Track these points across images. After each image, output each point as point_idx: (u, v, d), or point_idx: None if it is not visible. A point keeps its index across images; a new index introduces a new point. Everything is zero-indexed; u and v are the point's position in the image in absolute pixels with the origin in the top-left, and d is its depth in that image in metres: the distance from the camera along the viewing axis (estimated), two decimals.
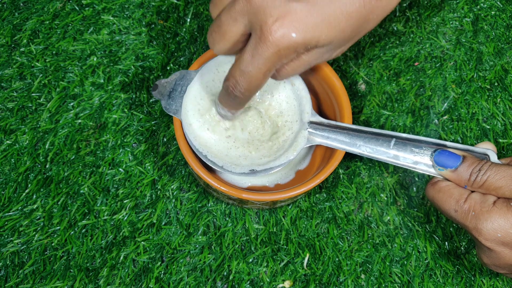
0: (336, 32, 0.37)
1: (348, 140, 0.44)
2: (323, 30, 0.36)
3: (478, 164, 0.40)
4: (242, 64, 0.37)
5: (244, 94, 0.39)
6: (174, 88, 0.46)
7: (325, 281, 0.51)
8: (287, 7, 0.35)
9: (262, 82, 0.38)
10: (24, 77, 0.56)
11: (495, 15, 0.60)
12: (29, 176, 0.53)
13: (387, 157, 0.43)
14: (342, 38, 0.38)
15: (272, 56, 0.36)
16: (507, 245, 0.39)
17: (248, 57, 0.37)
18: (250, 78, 0.38)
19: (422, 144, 0.43)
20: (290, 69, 0.40)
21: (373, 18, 0.39)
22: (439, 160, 0.41)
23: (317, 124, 0.45)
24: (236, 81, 0.38)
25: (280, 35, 0.35)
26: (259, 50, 0.36)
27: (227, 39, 0.39)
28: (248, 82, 0.38)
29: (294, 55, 0.37)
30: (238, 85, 0.38)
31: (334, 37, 0.37)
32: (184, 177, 0.54)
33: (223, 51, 0.40)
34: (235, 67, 0.38)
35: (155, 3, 0.59)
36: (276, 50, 0.36)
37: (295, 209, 0.53)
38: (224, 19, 0.38)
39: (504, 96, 0.58)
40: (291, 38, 0.36)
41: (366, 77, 0.58)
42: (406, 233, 0.53)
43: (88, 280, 0.50)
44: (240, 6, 0.37)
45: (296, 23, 0.36)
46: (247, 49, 0.37)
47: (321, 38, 0.37)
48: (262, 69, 0.37)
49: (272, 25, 0.35)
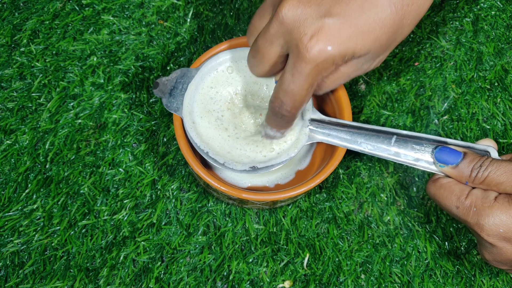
0: (371, 41, 0.38)
1: (349, 137, 0.44)
2: (358, 40, 0.37)
3: (479, 160, 0.40)
4: (284, 84, 0.38)
5: (291, 112, 0.40)
6: (175, 86, 0.46)
7: (325, 281, 0.51)
8: (320, 23, 0.36)
9: (306, 98, 0.39)
10: (24, 77, 0.56)
11: (495, 15, 0.60)
12: (29, 176, 0.53)
13: (388, 154, 0.43)
14: (379, 46, 0.39)
15: (311, 72, 0.37)
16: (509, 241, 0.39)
17: (289, 77, 0.38)
18: (294, 96, 0.39)
19: (423, 141, 0.43)
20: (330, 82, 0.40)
21: (408, 23, 0.39)
22: (440, 157, 0.41)
23: (318, 122, 0.45)
24: (281, 101, 0.39)
25: (316, 50, 0.36)
26: (298, 68, 0.37)
27: (265, 62, 0.40)
28: (293, 100, 0.39)
29: (333, 68, 0.38)
30: (284, 105, 0.39)
31: (370, 46, 0.38)
32: (184, 177, 0.54)
33: (263, 74, 0.41)
34: (278, 88, 0.39)
35: (155, 3, 0.59)
36: (315, 65, 0.37)
37: (295, 209, 0.53)
38: (261, 44, 0.39)
39: (504, 96, 0.58)
40: (328, 51, 0.36)
41: (366, 77, 0.58)
42: (406, 233, 0.53)
43: (88, 280, 0.50)
44: (274, 29, 0.38)
45: (331, 37, 0.36)
46: (287, 69, 0.38)
47: (357, 49, 0.37)
48: (304, 86, 0.38)
49: (308, 42, 0.36)
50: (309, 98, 0.40)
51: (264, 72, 0.41)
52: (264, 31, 0.39)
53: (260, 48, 0.39)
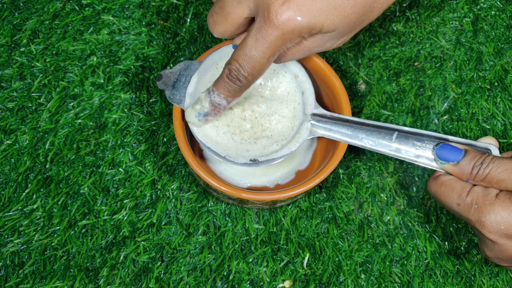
0: (341, 18, 0.37)
1: (350, 133, 0.44)
2: (328, 15, 0.36)
3: (480, 157, 0.40)
4: (246, 48, 0.37)
5: (247, 78, 0.39)
6: (178, 78, 0.46)
7: (325, 281, 0.51)
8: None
9: (265, 67, 0.38)
10: (24, 77, 0.56)
11: (495, 15, 0.60)
12: (29, 176, 0.53)
13: (389, 150, 0.43)
14: (346, 25, 0.38)
15: (276, 40, 0.36)
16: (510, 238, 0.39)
17: (252, 41, 0.37)
18: (254, 62, 0.37)
19: (424, 138, 0.43)
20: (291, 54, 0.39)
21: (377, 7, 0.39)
22: (441, 154, 0.41)
23: (320, 116, 0.45)
24: (239, 64, 0.38)
25: (285, 18, 0.35)
26: (263, 34, 0.36)
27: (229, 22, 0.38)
28: (252, 66, 0.38)
29: (298, 39, 0.37)
30: (242, 69, 0.38)
31: (338, 24, 0.37)
32: (184, 177, 0.54)
33: (224, 33, 0.40)
34: (238, 51, 0.38)
35: (155, 3, 0.59)
36: (281, 33, 0.36)
37: (295, 209, 0.53)
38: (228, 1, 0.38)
39: (504, 96, 0.58)
40: (297, 21, 0.36)
41: (366, 77, 0.58)
42: (406, 233, 0.53)
43: (88, 280, 0.50)
44: None
45: (302, 7, 0.36)
46: (251, 33, 0.37)
47: (325, 23, 0.37)
48: (267, 53, 0.37)
49: (279, 7, 0.35)
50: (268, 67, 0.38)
51: (224, 32, 0.39)
52: None
53: (226, 5, 0.38)
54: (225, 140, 0.45)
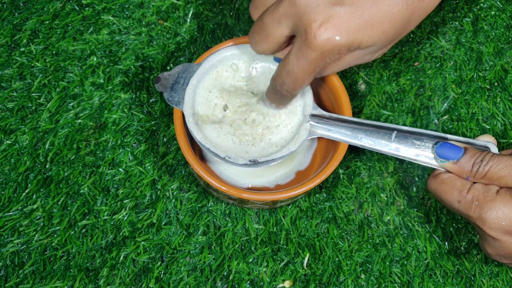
0: (379, 33, 0.38)
1: (349, 133, 0.44)
2: (366, 32, 0.37)
3: (480, 155, 0.40)
4: (288, 66, 0.39)
5: (290, 92, 0.41)
6: (176, 80, 0.46)
7: (325, 281, 0.51)
8: (331, 11, 0.36)
9: (307, 82, 0.40)
10: (24, 77, 0.56)
11: (495, 15, 0.60)
12: (29, 176, 0.53)
13: (388, 149, 0.43)
14: (385, 40, 0.39)
15: (316, 59, 0.37)
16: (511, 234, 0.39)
17: (293, 59, 0.38)
18: (296, 78, 0.39)
19: (423, 137, 0.43)
20: (330, 68, 0.41)
21: (415, 19, 0.39)
22: (441, 152, 0.42)
23: (319, 117, 0.45)
24: (282, 81, 0.40)
25: (324, 39, 0.36)
26: (304, 53, 0.37)
27: (270, 41, 0.40)
28: (294, 82, 0.40)
29: (337, 56, 0.38)
30: (285, 85, 0.40)
31: (377, 39, 0.38)
32: (184, 177, 0.54)
33: (265, 51, 0.41)
34: (281, 68, 0.40)
35: (155, 3, 0.59)
36: (320, 53, 0.37)
37: (295, 209, 0.53)
38: (267, 21, 0.39)
39: (504, 96, 0.58)
40: (335, 41, 0.36)
41: (366, 77, 0.58)
42: (406, 233, 0.53)
43: (88, 280, 0.50)
44: (284, 9, 0.38)
45: (340, 27, 0.36)
46: (293, 51, 0.38)
47: (364, 40, 0.37)
48: (308, 70, 0.38)
49: (317, 29, 0.36)
50: (310, 82, 0.40)
51: (266, 50, 0.41)
52: (273, 9, 0.38)
53: (266, 25, 0.39)
54: (224, 141, 0.45)
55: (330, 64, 0.40)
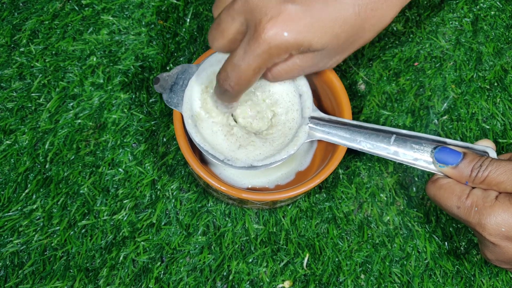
0: (330, 36, 0.38)
1: (348, 136, 0.44)
2: (316, 33, 0.37)
3: (479, 160, 0.40)
4: (234, 59, 0.39)
5: (234, 88, 0.40)
6: (175, 81, 0.46)
7: (324, 281, 0.51)
8: (282, 7, 0.36)
9: (252, 79, 0.39)
10: (24, 77, 0.56)
11: (494, 15, 0.60)
12: (28, 176, 0.53)
13: (387, 153, 0.43)
14: (336, 44, 0.39)
15: (263, 53, 0.37)
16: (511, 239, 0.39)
17: (240, 53, 0.38)
18: (240, 73, 0.39)
19: (422, 141, 0.43)
20: (283, 71, 0.40)
21: (369, 28, 0.39)
22: (439, 157, 0.42)
23: (318, 120, 0.45)
24: (227, 74, 0.40)
25: (272, 33, 0.36)
26: (251, 47, 0.37)
27: (225, 37, 0.40)
28: (238, 77, 0.39)
29: (286, 55, 0.38)
30: (229, 79, 0.40)
31: (327, 42, 0.38)
32: (184, 177, 0.54)
33: (221, 48, 0.41)
34: (227, 61, 0.39)
35: (155, 3, 0.59)
36: (267, 48, 0.37)
37: (294, 209, 0.53)
38: (223, 17, 0.39)
39: (504, 96, 0.58)
40: (283, 37, 0.36)
41: (365, 77, 0.58)
42: (406, 233, 0.53)
43: (88, 280, 0.50)
44: (238, 5, 0.38)
45: (289, 23, 0.36)
46: (241, 45, 0.38)
47: (313, 41, 0.37)
48: (252, 65, 0.38)
49: (266, 23, 0.36)
50: (255, 81, 0.40)
51: (222, 46, 0.41)
52: (229, 6, 0.39)
53: (222, 21, 0.39)
54: (223, 144, 0.45)
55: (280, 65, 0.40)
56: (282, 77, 0.41)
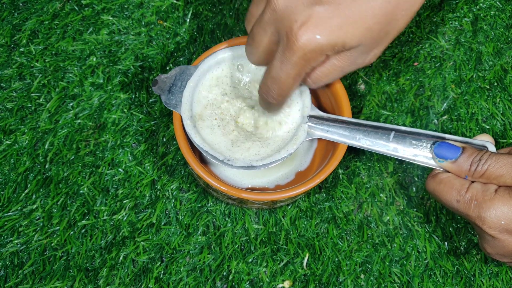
0: (363, 30, 0.37)
1: (347, 134, 0.44)
2: (349, 30, 0.37)
3: (478, 154, 0.40)
4: (273, 71, 0.39)
5: (277, 99, 0.40)
6: (174, 83, 0.46)
7: (324, 281, 0.51)
8: (310, 11, 0.36)
9: (293, 86, 0.39)
10: (24, 77, 0.56)
11: (494, 15, 0.60)
12: (28, 176, 0.53)
13: (386, 149, 0.43)
14: (371, 37, 0.38)
15: (299, 61, 0.37)
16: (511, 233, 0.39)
17: (277, 64, 0.38)
18: (281, 84, 0.39)
19: (421, 137, 0.43)
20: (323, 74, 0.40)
21: (401, 14, 0.38)
22: (439, 152, 0.42)
23: (317, 118, 0.45)
24: (268, 88, 0.40)
25: (305, 39, 0.36)
26: (286, 56, 0.37)
27: (260, 50, 0.40)
28: (279, 87, 0.39)
29: (322, 58, 0.38)
30: (271, 91, 0.40)
31: (361, 37, 0.37)
32: (183, 177, 0.54)
33: (258, 61, 0.41)
34: (266, 74, 0.40)
35: (155, 3, 0.59)
36: (303, 54, 0.37)
37: (294, 209, 0.53)
38: (255, 31, 0.39)
39: (504, 96, 0.58)
40: (316, 40, 0.36)
41: (365, 77, 0.58)
42: (406, 233, 0.53)
43: (88, 280, 0.50)
44: (267, 16, 0.38)
45: (320, 26, 0.36)
46: (276, 57, 0.38)
47: (347, 39, 0.37)
48: (291, 74, 0.38)
49: (298, 30, 0.36)
50: (296, 87, 0.40)
51: (259, 60, 0.41)
52: (259, 19, 0.39)
53: (255, 35, 0.39)
54: (222, 144, 0.45)
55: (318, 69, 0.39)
56: (322, 81, 0.41)
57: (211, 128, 0.45)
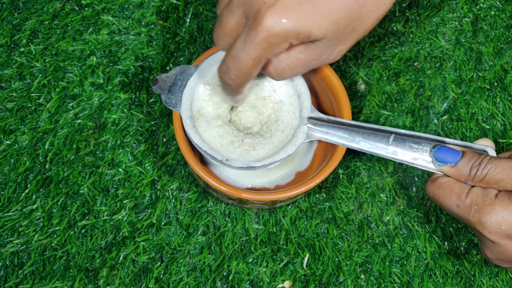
0: (329, 23, 0.37)
1: (347, 136, 0.44)
2: (316, 20, 0.37)
3: (478, 158, 0.40)
4: (234, 50, 0.38)
5: (234, 80, 0.39)
6: (174, 82, 0.46)
7: (324, 281, 0.51)
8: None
9: (252, 70, 0.39)
10: (24, 77, 0.56)
11: (494, 15, 0.60)
12: (28, 177, 0.53)
13: (386, 152, 0.43)
14: (337, 32, 0.38)
15: (262, 42, 0.37)
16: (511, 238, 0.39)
17: (240, 44, 0.38)
18: (240, 64, 0.38)
19: (421, 140, 0.43)
20: (287, 67, 0.40)
21: (367, 14, 0.39)
22: (438, 156, 0.41)
23: (317, 120, 0.45)
24: (227, 67, 0.39)
25: (271, 21, 0.36)
26: (250, 36, 0.37)
27: (227, 33, 0.39)
28: (238, 68, 0.38)
29: (286, 45, 0.38)
30: (229, 71, 0.39)
31: (327, 29, 0.37)
32: (183, 177, 0.54)
33: (225, 45, 0.40)
34: (227, 53, 0.39)
35: (155, 3, 0.59)
36: (267, 35, 0.36)
37: (294, 209, 0.53)
38: (224, 14, 0.39)
39: (504, 96, 0.58)
40: (282, 24, 0.36)
41: (365, 77, 0.58)
42: (406, 233, 0.53)
43: (88, 281, 0.50)
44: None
45: (287, 10, 0.36)
46: (240, 36, 0.38)
47: (313, 28, 0.37)
48: (252, 55, 0.37)
49: (265, 12, 0.36)
50: (255, 73, 0.39)
51: (225, 43, 0.40)
52: (228, 1, 0.39)
53: (222, 18, 0.39)
54: (221, 144, 0.45)
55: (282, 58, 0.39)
56: (286, 73, 0.40)
57: (211, 128, 0.45)
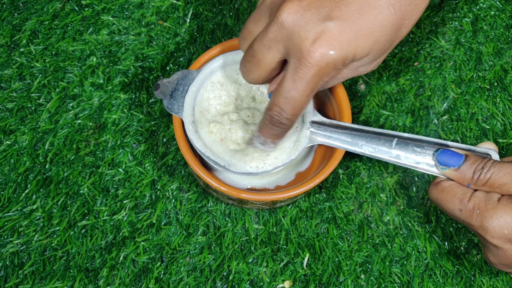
0: (371, 43, 0.37)
1: (350, 140, 0.44)
2: (359, 43, 0.37)
3: (481, 162, 0.40)
4: (285, 91, 0.38)
5: (291, 119, 0.39)
6: (176, 87, 0.46)
7: (325, 281, 0.51)
8: (321, 27, 0.36)
9: (306, 104, 0.39)
10: (24, 78, 0.56)
11: (494, 15, 0.60)
12: (28, 177, 0.53)
13: (389, 156, 0.43)
14: (378, 48, 0.38)
15: (314, 77, 0.37)
16: None
17: (290, 83, 0.37)
18: (295, 102, 0.38)
19: (424, 144, 0.43)
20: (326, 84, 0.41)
21: (406, 24, 0.39)
22: (441, 159, 0.41)
23: (319, 124, 0.45)
24: (281, 108, 0.38)
25: (319, 55, 0.36)
26: (300, 74, 0.37)
27: (262, 68, 0.39)
28: (293, 107, 0.38)
29: (334, 72, 0.38)
30: (284, 112, 0.38)
31: (370, 49, 0.38)
32: (183, 177, 0.54)
33: (257, 80, 0.40)
34: (277, 95, 0.38)
35: (155, 3, 0.59)
36: (317, 70, 0.36)
37: (294, 209, 0.53)
38: (258, 48, 0.38)
39: (504, 96, 0.58)
40: (330, 56, 0.36)
41: (365, 77, 0.58)
42: (406, 233, 0.53)
43: (88, 281, 0.50)
44: (273, 33, 0.37)
45: (332, 41, 0.36)
46: (288, 75, 0.37)
47: (357, 52, 0.37)
48: (306, 91, 0.37)
49: (311, 46, 0.36)
50: (308, 104, 0.39)
51: (259, 79, 0.40)
52: (262, 35, 0.38)
53: (256, 53, 0.38)
54: (224, 150, 0.45)
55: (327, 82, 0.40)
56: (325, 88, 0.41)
57: (213, 133, 0.45)
